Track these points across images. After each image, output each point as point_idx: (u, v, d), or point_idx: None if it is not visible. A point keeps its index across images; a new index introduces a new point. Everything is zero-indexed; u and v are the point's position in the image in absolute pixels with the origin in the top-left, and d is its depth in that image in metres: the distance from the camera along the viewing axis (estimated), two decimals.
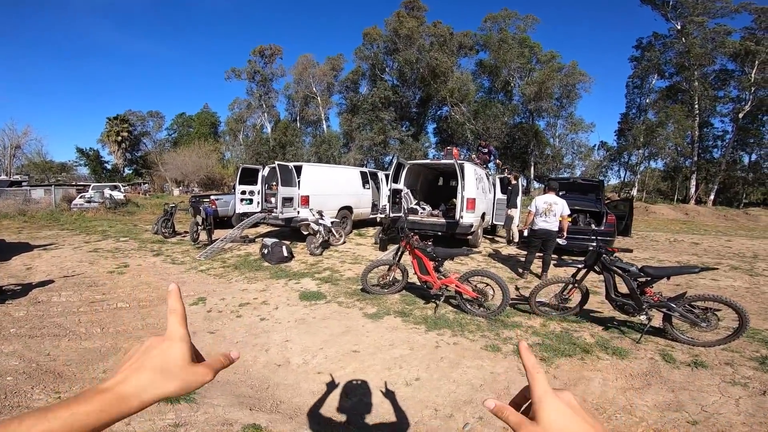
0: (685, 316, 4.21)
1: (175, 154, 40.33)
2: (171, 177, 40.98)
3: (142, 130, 53.66)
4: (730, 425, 2.80)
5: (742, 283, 7.47)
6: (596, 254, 4.61)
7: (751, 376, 3.54)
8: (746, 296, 6.43)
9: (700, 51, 30.09)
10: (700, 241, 14.53)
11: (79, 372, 3.51)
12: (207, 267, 8.00)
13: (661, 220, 24.63)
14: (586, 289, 4.91)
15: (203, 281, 6.90)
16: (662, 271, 4.38)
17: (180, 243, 10.95)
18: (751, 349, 4.14)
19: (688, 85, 31.77)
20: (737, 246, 13.31)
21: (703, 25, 30.29)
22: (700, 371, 3.65)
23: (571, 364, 3.72)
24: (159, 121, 54.89)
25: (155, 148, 51.69)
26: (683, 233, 17.84)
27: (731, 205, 31.32)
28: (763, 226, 22.47)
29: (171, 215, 11.91)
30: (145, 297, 5.84)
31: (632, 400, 3.13)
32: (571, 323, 4.85)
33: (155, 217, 14.56)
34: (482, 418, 2.82)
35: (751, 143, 33.00)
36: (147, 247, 10.03)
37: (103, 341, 4.18)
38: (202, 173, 38.51)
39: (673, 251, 12.00)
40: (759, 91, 30.01)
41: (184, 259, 8.83)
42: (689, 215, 27.02)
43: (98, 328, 4.56)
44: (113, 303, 5.50)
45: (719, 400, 3.15)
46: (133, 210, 19.97)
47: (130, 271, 7.43)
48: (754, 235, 17.15)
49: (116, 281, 6.71)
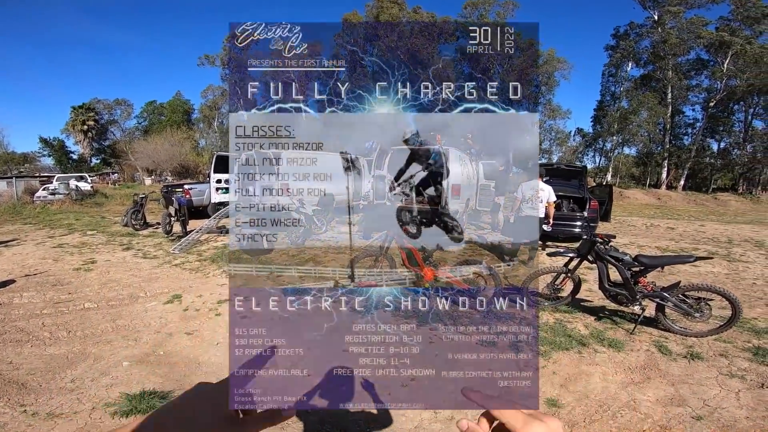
0: (679, 306, 4.16)
1: (146, 143, 38.73)
2: (142, 166, 39.41)
3: (110, 119, 51.43)
4: (735, 420, 2.73)
5: (721, 269, 7.59)
6: (590, 243, 4.50)
7: (747, 368, 3.50)
8: (727, 283, 6.51)
9: (676, 41, 30.68)
10: (675, 226, 14.91)
11: (45, 382, 3.16)
12: (182, 261, 7.59)
13: (635, 204, 25.27)
14: (578, 278, 4.82)
15: (178, 276, 6.52)
16: (657, 260, 4.31)
17: (152, 235, 10.42)
18: (742, 340, 4.12)
19: (662, 74, 32.43)
20: (711, 231, 13.69)
21: (680, 16, 30.82)
22: (697, 363, 3.59)
23: (569, 358, 3.61)
24: (127, 110, 52.65)
25: (124, 136, 49.63)
26: (658, 218, 18.32)
27: (700, 190, 32.47)
28: (733, 210, 23.35)
29: (142, 206, 11.33)
30: (114, 296, 5.45)
31: (634, 395, 3.04)
32: (564, 313, 4.76)
33: (125, 209, 13.87)
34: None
35: (720, 131, 34.14)
36: (116, 241, 9.49)
37: (70, 346, 3.82)
38: (175, 162, 37.16)
39: (651, 236, 12.24)
40: (730, 80, 30.92)
41: (156, 252, 8.37)
42: (661, 200, 27.87)
43: (64, 331, 4.18)
44: (80, 303, 5.09)
45: (720, 393, 3.08)
46: (101, 201, 19.04)
47: (98, 268, 6.97)
48: (725, 219, 17.75)
49: (83, 279, 6.25)
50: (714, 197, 28.77)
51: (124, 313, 4.78)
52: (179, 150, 37.39)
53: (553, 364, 3.51)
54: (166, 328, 4.22)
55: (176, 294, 5.45)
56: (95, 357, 3.51)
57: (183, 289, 5.75)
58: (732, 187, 35.28)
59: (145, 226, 11.34)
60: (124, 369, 3.22)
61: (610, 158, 36.85)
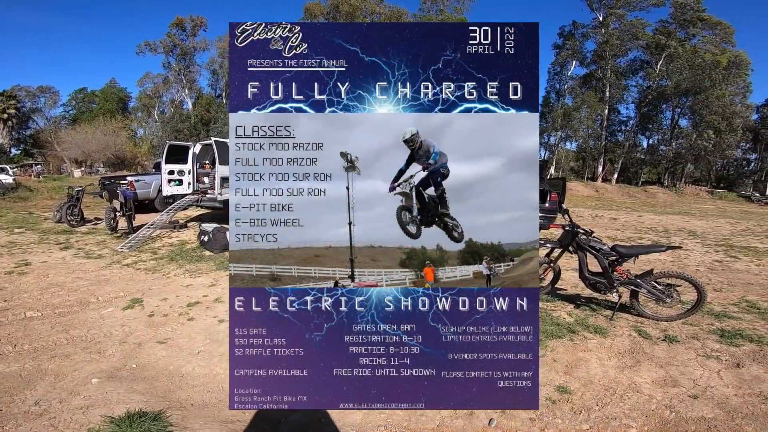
0: (651, 293, 4.39)
1: (75, 132, 35.24)
2: (70, 157, 35.83)
3: (32, 107, 46.40)
4: (726, 398, 2.91)
5: (666, 257, 8.18)
6: (572, 234, 4.62)
7: (720, 349, 3.75)
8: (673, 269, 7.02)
9: (617, 42, 32.87)
10: (617, 217, 16.05)
11: (4, 405, 2.65)
12: (134, 260, 6.92)
13: (577, 196, 26.93)
14: (558, 268, 4.94)
15: (133, 278, 5.92)
16: (632, 250, 4.53)
17: (92, 232, 9.44)
18: (706, 323, 4.42)
19: (602, 73, 34.69)
20: (648, 221, 14.88)
21: (623, 18, 33.02)
22: (676, 346, 3.80)
23: (564, 346, 3.68)
24: (53, 97, 47.78)
25: (49, 126, 44.93)
26: (600, 209, 19.63)
27: (631, 183, 35.30)
28: (662, 202, 25.61)
29: (77, 200, 10.21)
30: (60, 302, 4.82)
31: (633, 378, 3.17)
32: (545, 302, 4.87)
33: (55, 203, 12.46)
34: (505, 412, 2.63)
35: (650, 128, 37.26)
36: (51, 240, 8.48)
37: (21, 362, 3.27)
38: (109, 152, 34.13)
39: (598, 226, 13.04)
40: (662, 81, 33.71)
41: (101, 251, 7.58)
42: (599, 192, 29.97)
43: (9, 345, 3.60)
44: (19, 312, 4.44)
45: (704, 374, 3.28)
46: (26, 195, 17.04)
47: (33, 270, 6.15)
48: (657, 210, 19.40)
49: (18, 284, 5.48)
50: (644, 190, 31.42)
51: (76, 321, 4.22)
52: (113, 140, 34.41)
53: (551, 352, 3.56)
54: (133, 338, 3.77)
55: (135, 298, 4.92)
56: (55, 374, 3.02)
57: (142, 291, 5.21)
58: (658, 181, 38.70)
59: (82, 222, 10.26)
60: (95, 387, 2.79)
61: (554, 152, 38.99)
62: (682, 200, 28.04)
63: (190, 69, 40.36)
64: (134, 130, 41.72)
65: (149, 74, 40.86)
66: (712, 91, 29.98)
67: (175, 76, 39.69)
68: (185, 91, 40.07)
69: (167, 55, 39.20)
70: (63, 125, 44.43)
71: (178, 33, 39.28)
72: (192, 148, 9.98)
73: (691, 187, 33.92)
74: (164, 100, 41.00)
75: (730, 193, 32.74)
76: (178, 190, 9.95)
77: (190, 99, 40.21)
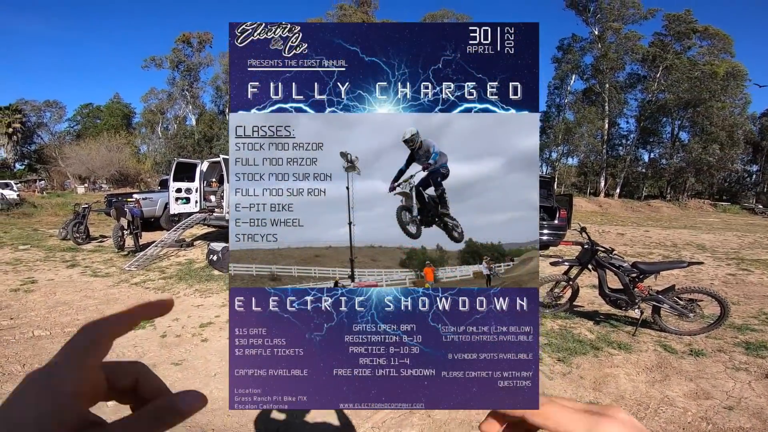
0: (674, 308, 4.31)
1: (79, 148, 35.41)
2: (74, 172, 35.94)
3: (38, 122, 46.75)
4: (761, 408, 2.89)
5: (680, 272, 8.08)
6: (591, 252, 4.56)
7: (747, 361, 3.69)
8: (687, 284, 6.92)
9: (614, 56, 33.30)
10: (623, 232, 15.95)
11: None
12: (142, 279, 6.84)
13: (582, 212, 26.84)
14: (577, 286, 4.86)
15: (142, 297, 5.83)
16: (654, 266, 4.46)
17: (99, 250, 9.38)
18: (730, 336, 4.34)
19: (602, 87, 35.06)
20: (655, 236, 14.78)
21: (619, 32, 33.55)
22: (703, 359, 3.73)
23: (590, 363, 3.60)
24: (59, 112, 48.18)
25: (54, 141, 45.22)
26: (606, 225, 19.54)
27: (633, 198, 35.28)
28: (666, 216, 25.51)
29: (84, 217, 10.17)
30: (68, 321, 4.73)
31: (665, 392, 3.11)
32: (564, 320, 4.78)
33: (60, 220, 12.44)
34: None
35: (651, 142, 37.44)
36: (57, 257, 8.42)
37: None
38: (112, 168, 34.25)
39: (607, 242, 12.93)
40: (660, 93, 34.03)
41: (108, 270, 7.50)
42: (603, 207, 29.89)
43: (17, 364, 3.51)
44: (27, 330, 4.35)
45: (736, 385, 3.24)
46: (30, 211, 17.03)
47: (40, 288, 6.07)
48: (663, 225, 19.30)
49: (25, 302, 5.40)
50: (647, 204, 31.34)
51: None
52: (117, 156, 34.58)
53: (576, 369, 3.48)
54: (146, 359, 3.67)
55: None
56: None
57: None
58: (660, 195, 38.72)
59: (88, 240, 10.19)
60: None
61: (556, 168, 39.09)
62: (686, 214, 27.97)
63: (194, 85, 40.93)
64: (138, 146, 42.02)
65: (154, 89, 41.44)
66: (711, 102, 30.20)
67: (179, 92, 40.18)
68: (189, 107, 40.53)
69: (173, 70, 39.77)
70: (68, 140, 44.72)
71: (184, 48, 39.96)
72: (199, 166, 9.99)
73: (694, 201, 33.84)
74: (168, 116, 41.41)
75: (734, 206, 32.65)
76: (185, 209, 9.92)
77: (194, 115, 40.63)
